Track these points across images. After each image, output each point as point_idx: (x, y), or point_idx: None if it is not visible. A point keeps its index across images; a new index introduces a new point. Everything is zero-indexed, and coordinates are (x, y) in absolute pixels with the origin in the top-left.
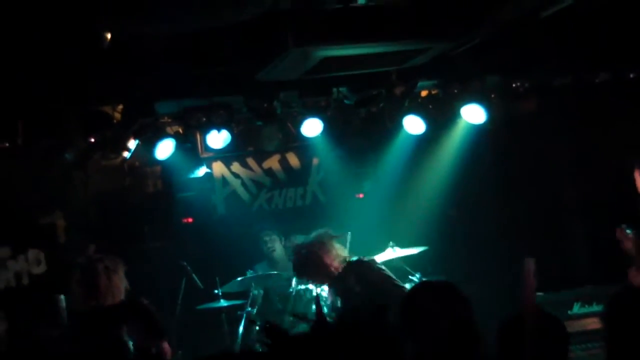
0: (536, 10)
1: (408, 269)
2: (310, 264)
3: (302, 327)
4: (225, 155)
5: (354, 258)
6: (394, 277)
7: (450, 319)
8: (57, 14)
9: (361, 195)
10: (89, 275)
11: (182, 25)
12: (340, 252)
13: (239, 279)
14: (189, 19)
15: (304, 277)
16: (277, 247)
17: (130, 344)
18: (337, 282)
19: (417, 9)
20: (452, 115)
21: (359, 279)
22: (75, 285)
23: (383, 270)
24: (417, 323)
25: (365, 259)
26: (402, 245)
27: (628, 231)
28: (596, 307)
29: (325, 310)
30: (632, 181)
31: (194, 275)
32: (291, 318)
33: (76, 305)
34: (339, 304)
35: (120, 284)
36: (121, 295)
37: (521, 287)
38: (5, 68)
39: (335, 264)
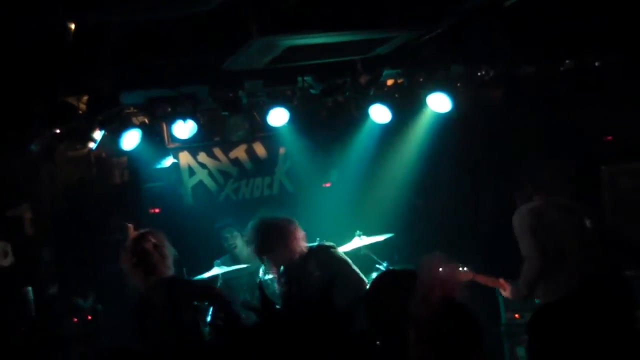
0: None
1: (375, 257)
2: (279, 239)
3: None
4: (191, 146)
5: (314, 243)
6: (352, 263)
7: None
8: (20, 5)
9: (328, 184)
10: (142, 257)
11: (146, 14)
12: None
13: (206, 275)
14: (154, 8)
15: (267, 252)
16: (239, 243)
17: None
18: (295, 267)
19: None
20: (418, 104)
21: (320, 264)
22: (131, 268)
23: (342, 255)
24: (381, 312)
25: (326, 243)
26: (369, 233)
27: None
28: None
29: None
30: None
31: None
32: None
33: (137, 284)
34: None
35: (170, 254)
36: (171, 264)
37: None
38: None
39: (302, 246)
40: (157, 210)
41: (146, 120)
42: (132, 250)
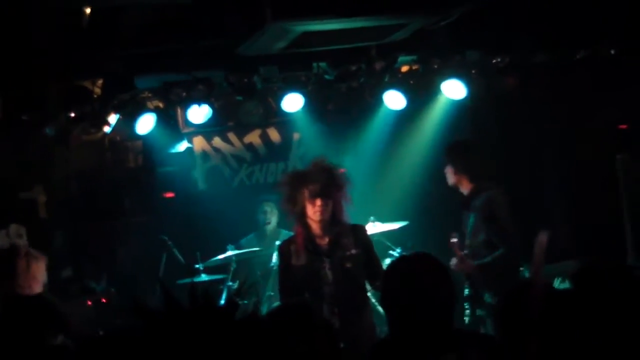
0: None
1: (388, 243)
2: (343, 190)
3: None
4: (206, 130)
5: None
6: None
7: (428, 291)
8: None
9: (342, 171)
10: (8, 256)
11: None
12: None
13: (220, 256)
14: None
15: (326, 196)
16: (274, 220)
17: None
18: (333, 240)
19: None
20: (432, 91)
21: (357, 242)
22: None
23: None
24: (396, 296)
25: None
26: (383, 220)
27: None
28: None
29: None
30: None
31: (175, 249)
32: (272, 293)
33: None
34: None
35: (39, 277)
36: (39, 289)
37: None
38: None
39: (347, 211)
40: (170, 195)
41: (161, 105)
42: (4, 250)
